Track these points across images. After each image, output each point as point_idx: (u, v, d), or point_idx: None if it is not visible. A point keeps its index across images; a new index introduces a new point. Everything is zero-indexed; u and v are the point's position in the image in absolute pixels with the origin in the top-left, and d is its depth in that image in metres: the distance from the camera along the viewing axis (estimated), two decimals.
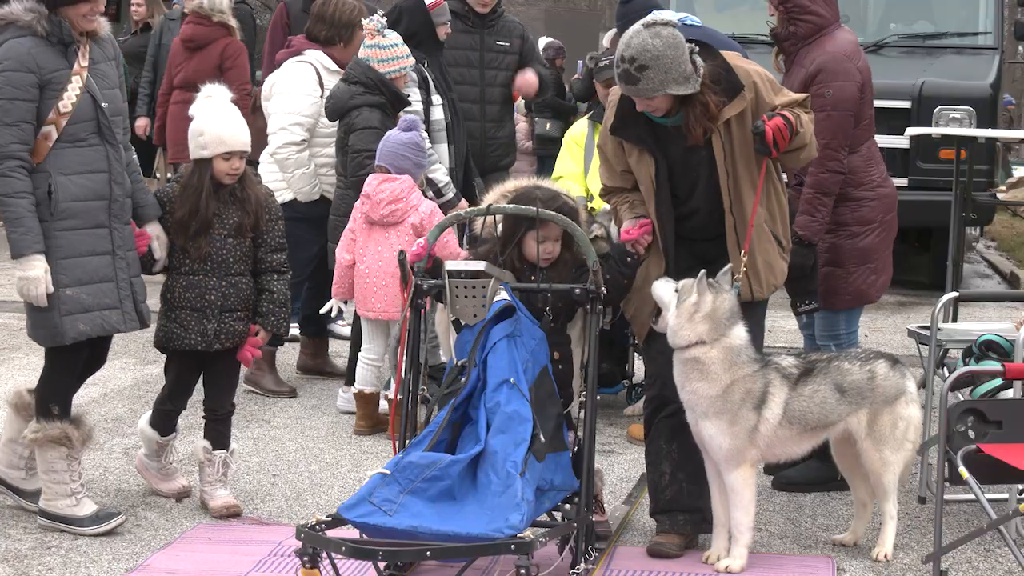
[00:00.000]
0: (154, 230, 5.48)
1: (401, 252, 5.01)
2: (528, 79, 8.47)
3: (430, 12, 7.70)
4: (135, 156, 5.60)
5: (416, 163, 6.68)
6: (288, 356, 8.06)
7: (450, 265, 4.84)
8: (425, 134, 6.94)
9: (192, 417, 6.14)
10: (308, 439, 6.72)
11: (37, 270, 5.05)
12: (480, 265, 4.82)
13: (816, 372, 5.04)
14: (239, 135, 5.44)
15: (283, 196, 7.60)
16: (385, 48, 7.10)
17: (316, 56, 7.57)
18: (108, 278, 5.24)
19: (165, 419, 5.69)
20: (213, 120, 5.45)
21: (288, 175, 7.48)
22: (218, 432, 5.63)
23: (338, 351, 8.22)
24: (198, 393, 5.78)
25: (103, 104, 5.21)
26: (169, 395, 5.67)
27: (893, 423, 5.10)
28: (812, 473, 6.03)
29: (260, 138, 7.74)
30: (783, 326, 9.94)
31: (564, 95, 16.12)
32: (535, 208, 4.95)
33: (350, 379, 7.16)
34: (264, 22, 15.94)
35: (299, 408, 7.30)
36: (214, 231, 5.44)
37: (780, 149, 4.92)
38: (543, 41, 17.43)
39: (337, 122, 7.17)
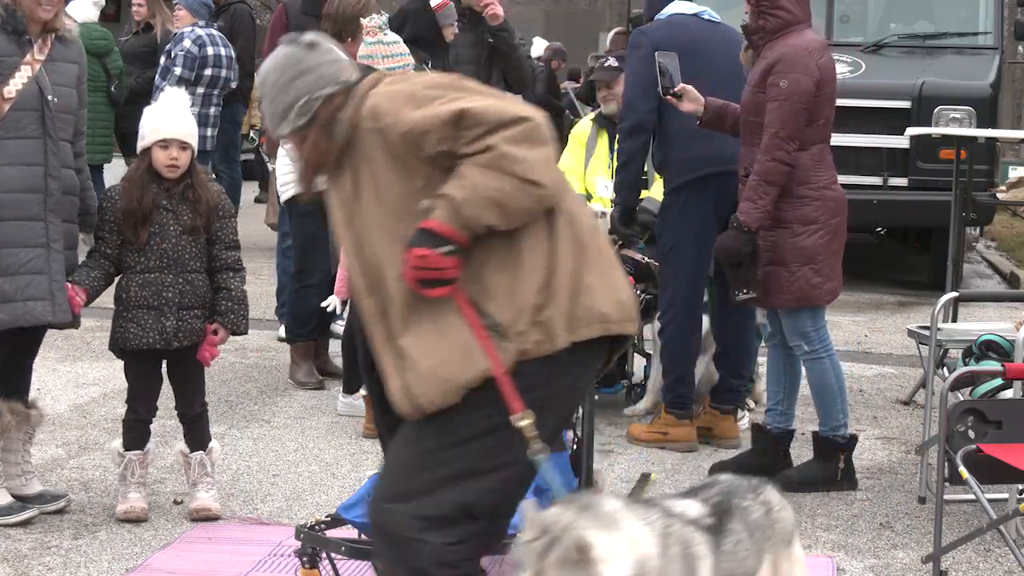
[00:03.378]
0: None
1: None
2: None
3: (436, 14, 7.70)
4: (87, 166, 5.65)
5: None
6: (285, 356, 8.06)
7: None
8: None
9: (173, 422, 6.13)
10: (308, 439, 6.71)
11: None
12: None
13: (729, 514, 3.52)
14: (175, 124, 5.41)
15: (294, 189, 7.61)
16: (388, 45, 7.13)
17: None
18: (39, 270, 5.25)
19: (133, 430, 5.54)
20: (153, 112, 5.49)
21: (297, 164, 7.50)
22: (192, 434, 5.60)
23: (338, 351, 8.22)
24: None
25: (49, 97, 5.26)
26: (131, 398, 5.57)
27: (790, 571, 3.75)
28: (812, 473, 6.04)
29: None
30: None
31: (558, 95, 16.18)
32: None
33: (347, 387, 7.16)
34: (264, 22, 15.97)
35: (299, 408, 7.30)
36: (168, 227, 5.40)
37: (434, 283, 3.44)
38: (541, 43, 17.47)
39: None
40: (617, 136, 6.95)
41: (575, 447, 4.89)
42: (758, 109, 5.85)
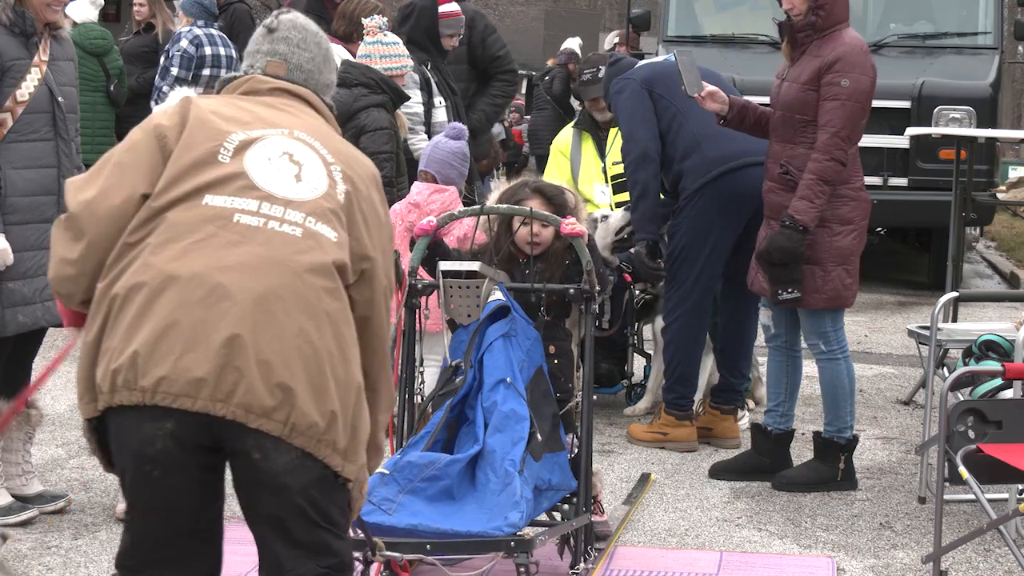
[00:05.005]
0: None
1: (395, 252, 4.96)
2: None
3: (440, 20, 7.69)
4: (83, 165, 5.63)
5: (461, 173, 6.60)
6: None
7: (444, 265, 4.82)
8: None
9: None
10: None
11: (2, 242, 5.14)
12: (474, 265, 4.80)
13: None
14: None
15: None
16: (387, 45, 7.13)
17: (336, 50, 7.58)
18: None
19: None
20: None
21: None
22: None
23: None
24: None
25: (59, 99, 5.25)
26: None
27: None
28: (812, 473, 6.04)
29: None
30: None
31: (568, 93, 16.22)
32: (528, 208, 4.93)
33: None
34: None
35: None
36: None
37: None
38: (575, 42, 17.45)
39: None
40: (624, 169, 6.93)
41: (574, 448, 4.88)
42: (805, 106, 5.82)
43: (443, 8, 7.71)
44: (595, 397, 4.99)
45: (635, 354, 7.60)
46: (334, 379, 3.13)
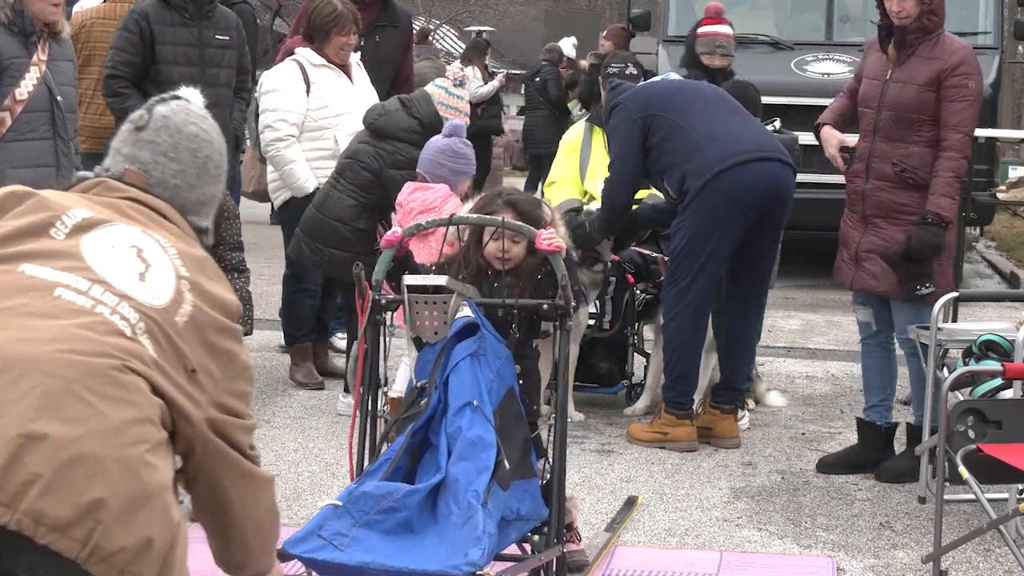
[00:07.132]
0: None
1: (357, 264, 4.57)
2: None
3: (697, 39, 7.93)
4: (80, 165, 5.63)
5: (454, 170, 6.44)
6: (284, 356, 8.07)
7: (410, 280, 4.48)
8: (468, 141, 6.60)
9: None
10: (308, 439, 6.71)
11: None
12: (442, 280, 4.46)
13: None
14: None
15: (285, 195, 7.61)
16: (451, 95, 7.05)
17: (304, 53, 7.58)
18: None
19: None
20: None
21: (279, 172, 7.49)
22: None
23: (338, 351, 8.24)
24: None
25: (59, 98, 5.26)
26: None
27: None
28: (912, 461, 6.10)
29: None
30: (783, 326, 9.94)
31: (564, 94, 16.17)
32: (501, 219, 4.57)
33: (347, 387, 7.17)
34: (264, 22, 15.95)
35: (299, 408, 7.30)
36: None
37: None
38: (569, 42, 17.44)
39: (364, 128, 7.05)
40: (604, 182, 6.95)
41: (546, 474, 4.53)
42: (923, 107, 6.01)
43: (702, 28, 7.96)
44: (567, 420, 4.70)
45: (635, 354, 7.60)
46: (159, 495, 2.53)
